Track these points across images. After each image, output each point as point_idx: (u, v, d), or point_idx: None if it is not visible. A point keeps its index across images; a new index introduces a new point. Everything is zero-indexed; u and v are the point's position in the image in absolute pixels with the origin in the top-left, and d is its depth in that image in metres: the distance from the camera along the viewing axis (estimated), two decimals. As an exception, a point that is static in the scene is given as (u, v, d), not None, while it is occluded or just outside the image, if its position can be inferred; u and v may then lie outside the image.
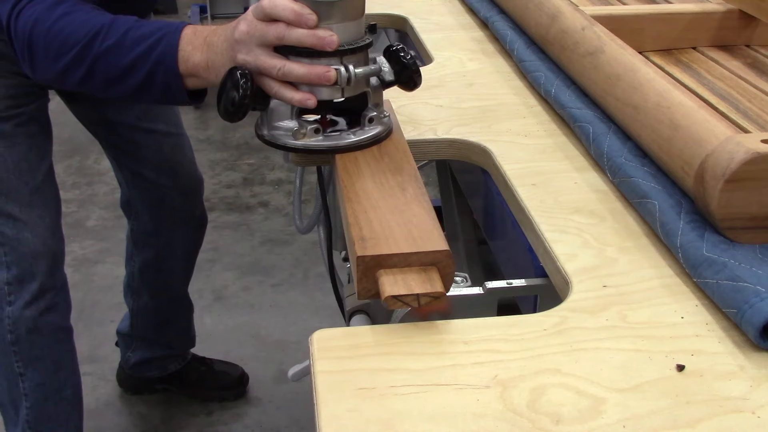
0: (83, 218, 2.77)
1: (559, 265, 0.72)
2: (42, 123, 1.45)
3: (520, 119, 1.01)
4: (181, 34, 0.94)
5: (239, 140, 3.38)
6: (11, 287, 1.47)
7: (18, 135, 1.40)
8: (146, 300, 1.85)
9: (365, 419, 0.55)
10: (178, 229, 1.74)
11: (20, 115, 1.40)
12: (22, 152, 1.41)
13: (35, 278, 1.46)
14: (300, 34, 0.83)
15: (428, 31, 1.33)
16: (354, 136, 0.88)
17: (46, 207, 1.45)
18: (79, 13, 0.98)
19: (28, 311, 1.49)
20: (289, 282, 2.46)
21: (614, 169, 0.84)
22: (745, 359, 0.61)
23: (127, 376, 1.98)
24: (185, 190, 1.71)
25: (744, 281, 0.64)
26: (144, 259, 1.80)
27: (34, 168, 1.43)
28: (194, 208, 1.76)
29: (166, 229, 1.74)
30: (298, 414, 1.95)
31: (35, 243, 1.44)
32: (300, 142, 0.87)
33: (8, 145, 1.39)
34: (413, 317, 0.75)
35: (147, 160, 1.65)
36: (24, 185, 1.41)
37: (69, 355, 1.58)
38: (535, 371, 0.60)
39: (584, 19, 1.04)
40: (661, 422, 0.55)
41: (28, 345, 1.53)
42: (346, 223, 0.73)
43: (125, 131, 1.61)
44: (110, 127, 1.62)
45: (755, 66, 1.13)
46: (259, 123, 0.91)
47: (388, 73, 0.89)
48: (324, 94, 0.86)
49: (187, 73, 0.93)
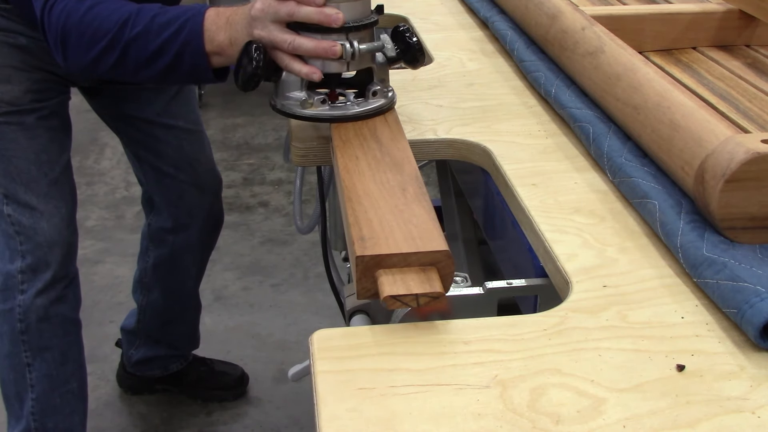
0: (83, 218, 2.77)
1: (559, 265, 0.72)
2: (63, 118, 1.50)
3: (520, 119, 1.01)
4: (204, 16, 1.00)
5: (239, 140, 3.38)
6: (24, 275, 1.50)
7: (40, 128, 1.45)
8: (156, 296, 1.85)
9: (365, 419, 0.55)
10: (194, 226, 1.76)
11: (42, 109, 1.44)
12: (43, 144, 1.45)
13: (49, 267, 1.49)
14: (308, 11, 0.91)
15: (428, 31, 1.33)
16: (358, 107, 0.94)
17: (63, 199, 1.49)
18: (108, 3, 1.05)
19: (40, 299, 1.51)
20: (289, 282, 2.45)
21: (614, 169, 0.84)
22: (745, 359, 0.61)
23: (128, 376, 1.98)
24: (203, 186, 1.74)
25: (744, 281, 0.64)
26: (159, 255, 1.81)
27: (54, 160, 1.47)
28: (212, 205, 1.77)
29: (184, 225, 1.75)
30: (298, 414, 1.95)
31: (51, 233, 1.48)
32: (307, 111, 0.94)
33: (30, 136, 1.44)
34: (413, 317, 0.75)
35: (166, 155, 1.67)
36: (43, 176, 1.46)
37: (76, 348, 1.60)
38: (535, 371, 0.60)
39: (584, 19, 1.04)
40: (661, 422, 0.55)
41: (38, 334, 1.54)
42: (346, 223, 0.73)
43: (145, 126, 1.65)
44: (130, 122, 1.65)
45: (755, 66, 1.13)
46: (272, 95, 0.97)
47: (391, 50, 0.96)
48: (331, 67, 0.92)
49: (212, 52, 1.00)
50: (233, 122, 3.51)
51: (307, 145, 0.96)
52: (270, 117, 3.55)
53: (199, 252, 1.83)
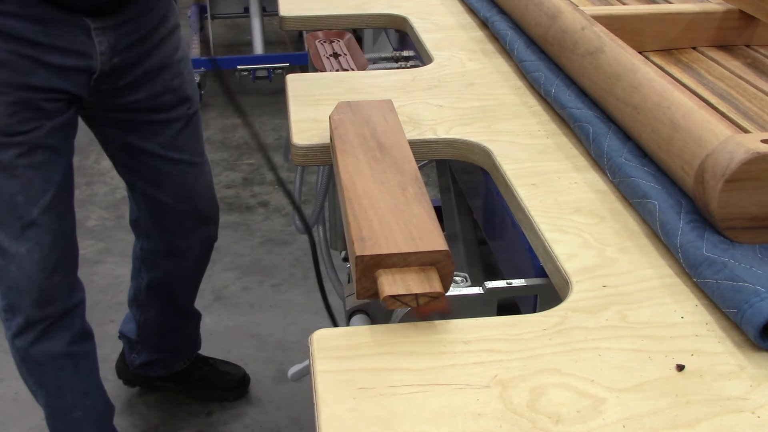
0: (83, 218, 2.77)
1: (559, 265, 0.72)
2: (53, 149, 1.35)
3: (520, 119, 1.01)
4: None
5: (239, 140, 3.38)
6: (6, 314, 1.44)
7: (18, 167, 1.32)
8: (153, 314, 1.82)
9: (365, 419, 0.55)
10: (190, 251, 1.71)
11: (22, 144, 1.31)
12: (19, 185, 1.33)
13: (20, 312, 1.42)
14: None
15: (428, 31, 1.33)
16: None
17: (39, 242, 1.38)
18: None
19: (18, 341, 1.46)
20: (289, 282, 2.46)
21: (614, 169, 0.84)
22: (745, 359, 0.61)
23: (130, 372, 1.98)
24: (201, 215, 1.68)
25: (744, 281, 0.64)
26: (153, 277, 1.76)
27: (32, 202, 1.35)
28: (209, 231, 1.72)
29: (178, 251, 1.70)
30: (298, 414, 1.95)
31: (20, 279, 1.39)
32: None
33: (6, 177, 1.32)
34: (413, 317, 0.75)
35: (167, 187, 1.60)
36: (17, 219, 1.35)
37: (76, 380, 1.54)
38: (534, 371, 0.60)
39: (584, 19, 1.04)
40: (661, 422, 0.55)
41: (27, 372, 1.52)
42: (346, 223, 0.73)
43: (149, 159, 1.55)
44: (132, 154, 1.56)
45: (755, 66, 1.13)
46: None
47: None
48: None
49: None
50: (233, 122, 3.51)
51: (307, 145, 0.96)
52: (270, 117, 3.55)
53: (195, 271, 1.79)
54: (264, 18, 4.03)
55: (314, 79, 1.13)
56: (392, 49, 1.55)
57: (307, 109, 1.02)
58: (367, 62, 1.36)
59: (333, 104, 0.95)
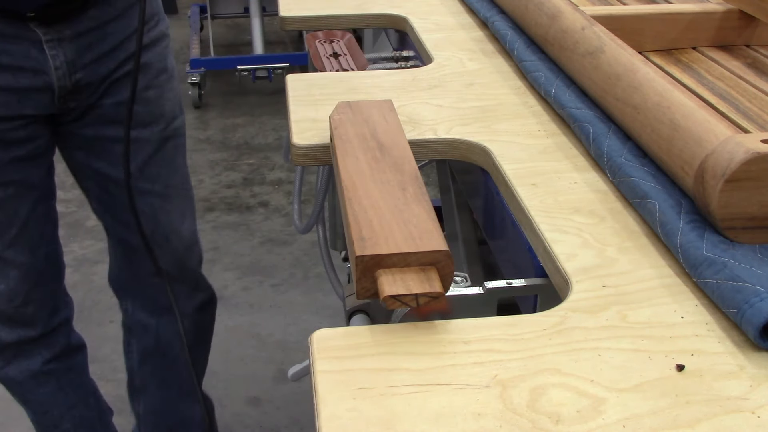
0: (83, 218, 2.77)
1: (559, 265, 0.72)
2: (17, 183, 1.22)
3: (520, 119, 1.01)
4: None
5: (239, 140, 3.38)
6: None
7: None
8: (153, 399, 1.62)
9: (365, 419, 0.55)
10: (178, 308, 1.44)
11: None
12: None
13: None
14: None
15: (428, 31, 1.33)
16: None
17: (5, 276, 1.30)
18: None
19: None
20: (289, 282, 2.46)
21: (614, 169, 0.84)
22: (745, 359, 0.61)
23: None
24: (181, 266, 1.47)
25: (744, 281, 0.64)
26: (144, 347, 1.57)
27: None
28: (195, 282, 1.52)
29: (165, 308, 1.48)
30: (298, 414, 1.95)
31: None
32: None
33: None
34: (413, 317, 0.75)
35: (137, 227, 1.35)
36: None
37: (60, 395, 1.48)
38: (534, 371, 0.60)
39: (584, 19, 1.04)
40: (661, 422, 0.55)
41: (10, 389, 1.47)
42: (346, 223, 0.73)
43: (114, 188, 1.36)
44: (101, 185, 1.38)
45: (755, 66, 1.13)
46: None
47: None
48: None
49: None
50: (233, 122, 3.51)
51: (307, 145, 0.96)
52: (270, 117, 3.55)
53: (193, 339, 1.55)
54: (264, 18, 4.03)
55: (314, 79, 1.13)
56: (392, 49, 1.55)
57: (307, 109, 1.02)
58: (367, 62, 1.36)
59: (333, 104, 0.95)
